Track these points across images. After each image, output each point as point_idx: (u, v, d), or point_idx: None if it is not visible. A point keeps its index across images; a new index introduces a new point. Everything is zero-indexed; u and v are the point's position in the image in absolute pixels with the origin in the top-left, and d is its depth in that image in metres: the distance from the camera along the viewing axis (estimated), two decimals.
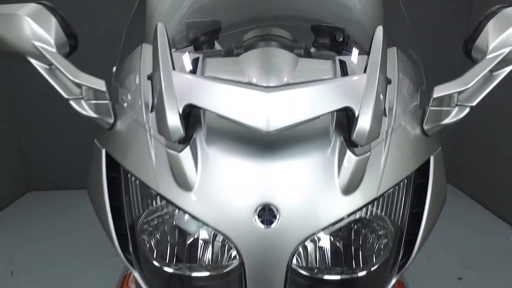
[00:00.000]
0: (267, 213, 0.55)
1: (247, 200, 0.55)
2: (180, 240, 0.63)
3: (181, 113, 0.54)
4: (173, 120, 0.53)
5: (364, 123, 0.53)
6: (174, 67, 0.57)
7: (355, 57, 0.77)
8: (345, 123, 0.59)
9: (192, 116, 0.60)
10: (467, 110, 0.64)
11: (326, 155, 0.58)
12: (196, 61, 0.70)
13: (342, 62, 0.69)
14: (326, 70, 0.68)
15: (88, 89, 0.64)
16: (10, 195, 2.82)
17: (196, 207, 0.57)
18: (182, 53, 0.75)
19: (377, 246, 0.63)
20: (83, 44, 0.75)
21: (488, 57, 0.64)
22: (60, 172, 3.00)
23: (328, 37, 0.98)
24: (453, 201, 2.75)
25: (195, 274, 0.62)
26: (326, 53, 0.96)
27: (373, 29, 0.60)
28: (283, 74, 0.62)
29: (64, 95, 0.64)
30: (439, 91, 0.63)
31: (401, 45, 0.77)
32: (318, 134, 0.60)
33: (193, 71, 0.67)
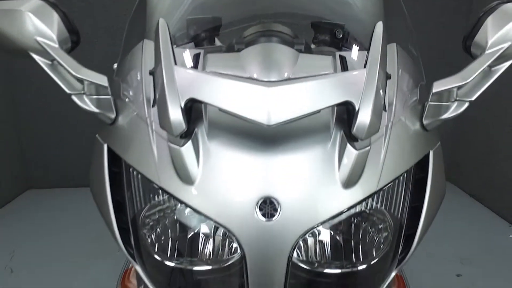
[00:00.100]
0: (268, 206, 0.56)
1: (248, 194, 0.56)
2: (181, 234, 0.63)
3: (183, 107, 0.54)
4: (175, 114, 0.54)
5: (364, 117, 0.53)
6: (176, 62, 0.58)
7: (355, 53, 0.78)
8: (346, 117, 0.60)
9: (193, 111, 0.60)
10: (466, 105, 0.64)
11: (327, 149, 0.59)
12: (197, 57, 0.70)
13: (342, 57, 0.70)
14: (326, 65, 0.68)
15: (90, 84, 0.64)
16: (10, 193, 2.82)
17: (198, 200, 0.57)
18: (183, 49, 0.75)
19: (377, 240, 0.64)
20: (82, 42, 0.75)
21: (487, 52, 0.65)
22: (59, 170, 3.00)
23: (328, 33, 0.99)
24: (452, 198, 2.76)
25: (196, 268, 0.62)
26: (326, 49, 0.97)
27: (373, 25, 0.61)
28: (284, 70, 0.63)
29: (66, 90, 0.65)
30: (439, 86, 0.63)
31: (401, 41, 0.78)
32: (318, 129, 0.60)
33: (194, 67, 0.67)
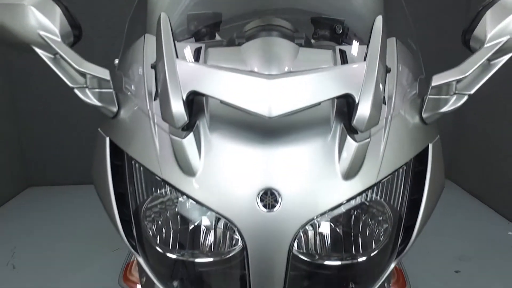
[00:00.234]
0: (269, 198, 0.56)
1: (249, 185, 0.56)
2: (183, 226, 0.64)
3: (184, 100, 0.55)
4: (177, 106, 0.54)
5: (364, 109, 0.54)
6: (177, 56, 0.58)
7: (355, 47, 0.78)
8: (346, 110, 0.60)
9: (195, 103, 0.61)
10: (465, 98, 0.65)
11: (327, 141, 0.59)
12: (198, 51, 0.70)
13: (342, 51, 0.70)
14: (326, 59, 0.69)
15: (92, 78, 0.65)
16: (10, 191, 2.83)
17: (199, 192, 0.58)
18: (184, 43, 0.76)
19: (376, 232, 0.64)
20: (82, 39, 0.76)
21: (486, 46, 0.65)
22: (59, 168, 3.00)
23: (328, 29, 0.99)
24: (451, 196, 2.77)
25: (198, 259, 0.63)
26: (326, 43, 0.97)
27: (373, 20, 0.61)
28: (284, 63, 0.64)
29: (69, 83, 0.65)
30: (438, 79, 0.64)
31: (400, 35, 0.78)
32: (319, 121, 0.61)
33: (195, 61, 0.68)
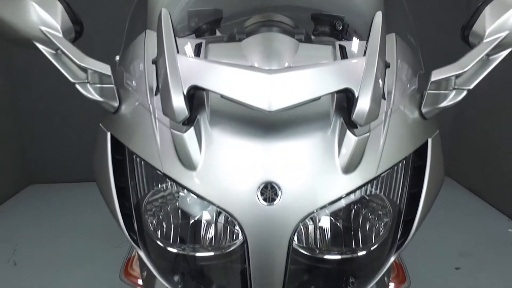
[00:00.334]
0: (269, 191, 0.57)
1: (249, 179, 0.57)
2: (184, 220, 0.64)
3: (185, 94, 0.55)
4: (178, 101, 0.55)
5: (363, 103, 0.54)
6: (178, 51, 0.58)
7: (355, 43, 0.78)
8: (345, 105, 0.61)
9: (196, 98, 0.61)
10: (464, 93, 0.65)
11: (327, 135, 0.60)
12: (199, 47, 0.71)
13: (342, 47, 0.70)
14: (326, 54, 0.69)
15: (94, 73, 0.65)
16: (11, 188, 2.84)
17: (200, 186, 0.58)
18: (185, 39, 0.76)
19: (376, 226, 0.65)
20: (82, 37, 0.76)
21: (485, 41, 0.65)
22: (60, 166, 3.01)
23: (328, 25, 1.00)
24: (451, 193, 2.78)
25: (198, 253, 0.64)
26: (326, 39, 0.98)
27: (373, 17, 0.61)
28: (284, 59, 0.64)
29: (70, 79, 0.66)
30: (437, 74, 0.64)
31: (400, 31, 0.78)
32: (319, 116, 0.61)
33: (196, 56, 0.68)
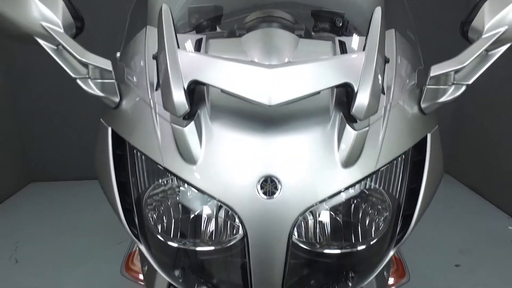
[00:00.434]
0: (269, 185, 0.57)
1: (249, 172, 0.57)
2: (184, 214, 0.65)
3: (186, 88, 0.55)
4: (178, 95, 0.55)
5: (363, 98, 0.55)
6: (179, 46, 0.59)
7: (355, 38, 0.79)
8: (345, 100, 0.61)
9: (196, 93, 0.62)
10: (463, 88, 0.66)
11: (326, 130, 0.60)
12: (199, 42, 0.71)
13: (341, 42, 0.71)
14: (326, 50, 0.70)
15: (95, 68, 0.66)
16: (13, 186, 2.85)
17: (200, 180, 0.59)
18: (186, 35, 0.76)
19: (376, 220, 0.65)
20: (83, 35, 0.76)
21: (484, 36, 0.66)
22: (61, 164, 3.02)
23: (328, 22, 1.00)
24: (451, 191, 2.78)
25: (199, 248, 0.64)
26: (326, 34, 0.98)
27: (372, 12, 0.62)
28: (284, 54, 0.64)
29: (71, 74, 0.66)
30: (436, 70, 0.65)
31: (399, 27, 0.79)
32: (318, 111, 0.62)
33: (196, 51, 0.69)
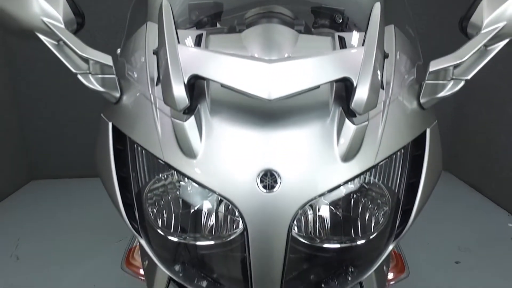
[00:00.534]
0: (269, 179, 0.57)
1: (249, 166, 0.58)
2: (184, 209, 0.65)
3: (186, 83, 0.56)
4: (179, 90, 0.55)
5: (362, 92, 0.55)
6: (179, 41, 0.59)
7: (354, 34, 0.79)
8: (344, 95, 0.61)
9: (196, 88, 0.62)
10: (462, 83, 0.66)
11: (326, 124, 0.60)
12: (199, 38, 0.72)
13: (341, 38, 0.71)
14: (325, 45, 0.70)
15: (95, 64, 0.66)
16: (14, 184, 2.85)
17: (200, 174, 0.59)
18: (186, 31, 0.77)
19: (375, 215, 0.66)
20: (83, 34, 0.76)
21: (483, 32, 0.66)
22: (62, 161, 3.02)
23: (327, 18, 1.00)
24: (451, 188, 2.78)
25: (199, 242, 0.64)
26: (325, 30, 0.98)
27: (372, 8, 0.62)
28: (284, 49, 0.65)
29: (72, 69, 0.66)
30: (435, 65, 0.65)
31: (399, 23, 0.79)
32: (318, 105, 0.62)
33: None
